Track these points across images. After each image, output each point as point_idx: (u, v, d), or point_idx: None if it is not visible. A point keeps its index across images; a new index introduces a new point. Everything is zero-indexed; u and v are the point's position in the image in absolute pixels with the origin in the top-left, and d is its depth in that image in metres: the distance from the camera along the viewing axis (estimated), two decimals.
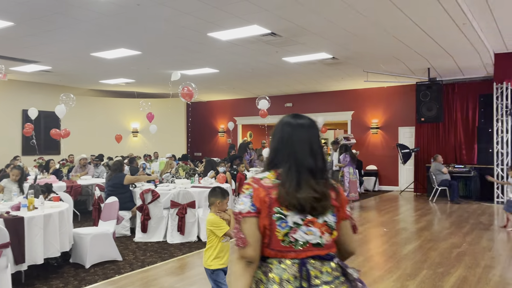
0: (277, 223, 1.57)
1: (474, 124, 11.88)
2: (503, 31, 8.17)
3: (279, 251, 1.58)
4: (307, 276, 1.57)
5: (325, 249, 1.63)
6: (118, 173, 7.01)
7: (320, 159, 1.66)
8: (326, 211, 1.61)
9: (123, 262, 5.25)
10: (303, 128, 1.70)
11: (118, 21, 7.16)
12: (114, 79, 13.07)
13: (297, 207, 1.56)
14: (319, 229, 1.60)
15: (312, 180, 1.60)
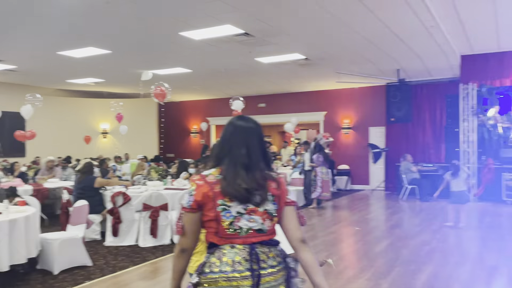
0: (222, 214, 1.77)
1: (441, 124, 12.22)
2: (469, 33, 8.43)
3: (226, 238, 1.77)
4: (256, 259, 1.76)
5: (268, 234, 1.83)
6: (88, 176, 6.81)
7: (257, 156, 1.84)
8: (264, 200, 1.80)
9: (93, 268, 5.09)
10: (243, 129, 1.89)
11: (86, 19, 6.96)
12: (82, 79, 12.72)
13: (238, 197, 1.76)
14: (260, 216, 1.80)
15: (245, 175, 1.78)
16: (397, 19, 7.07)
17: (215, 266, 1.76)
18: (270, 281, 1.76)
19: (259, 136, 1.91)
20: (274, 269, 1.79)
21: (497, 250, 5.98)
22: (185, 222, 1.82)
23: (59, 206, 8.89)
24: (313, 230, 7.45)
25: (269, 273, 1.77)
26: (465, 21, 7.59)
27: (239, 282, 1.72)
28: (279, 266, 1.82)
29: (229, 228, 1.78)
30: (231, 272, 1.74)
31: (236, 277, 1.73)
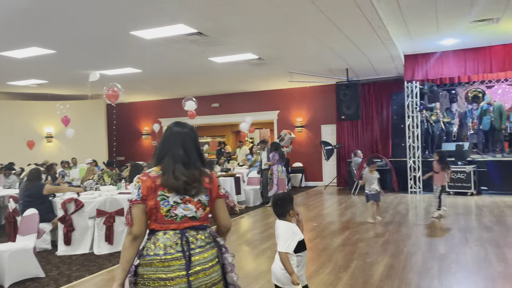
0: (161, 203, 2.10)
1: (388, 120, 12.77)
2: (412, 33, 8.87)
3: (164, 223, 2.10)
4: (186, 242, 2.08)
5: (200, 221, 2.17)
6: (36, 183, 6.43)
7: (193, 155, 2.21)
8: (199, 192, 2.15)
9: (47, 279, 4.84)
10: (179, 133, 2.25)
11: (29, 17, 6.58)
12: (24, 80, 12.02)
13: (175, 189, 2.10)
14: (195, 206, 2.14)
15: (184, 170, 2.13)
16: (347, 20, 7.29)
17: (150, 250, 2.08)
18: (200, 259, 2.09)
19: (194, 139, 2.28)
20: (203, 248, 2.11)
21: (444, 238, 6.35)
22: (135, 213, 2.11)
23: (3, 215, 8.38)
24: (272, 228, 7.52)
25: (198, 252, 2.09)
26: (408, 21, 7.98)
27: (170, 263, 2.03)
28: (208, 245, 2.15)
29: (166, 214, 2.10)
30: (164, 254, 2.05)
31: (168, 258, 2.04)
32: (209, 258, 2.12)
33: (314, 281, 4.57)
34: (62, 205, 5.97)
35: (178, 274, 2.03)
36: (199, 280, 2.06)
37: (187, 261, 2.05)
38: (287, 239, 2.94)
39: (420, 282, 4.46)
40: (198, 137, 2.34)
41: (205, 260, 2.10)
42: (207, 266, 2.10)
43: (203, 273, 2.08)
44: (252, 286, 4.49)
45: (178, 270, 2.03)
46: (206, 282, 2.08)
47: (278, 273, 3.01)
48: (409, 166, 11.20)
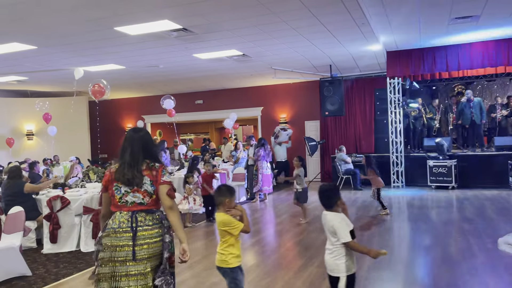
0: (115, 192, 2.78)
1: (371, 116, 12.95)
2: (395, 30, 9.01)
3: (118, 207, 2.77)
4: (135, 220, 2.72)
5: (148, 206, 2.79)
6: (17, 180, 6.31)
7: (137, 156, 2.80)
8: (140, 184, 2.75)
9: (34, 277, 4.78)
10: (130, 138, 2.87)
11: (8, 12, 6.44)
12: (3, 77, 11.74)
13: (123, 182, 2.76)
14: (141, 194, 2.77)
15: (127, 170, 2.75)
16: (331, 16, 7.37)
17: (109, 224, 2.75)
18: (145, 234, 2.72)
19: (143, 141, 2.86)
20: (149, 227, 2.74)
21: (428, 230, 6.51)
22: (102, 199, 2.94)
23: None
24: (258, 224, 7.58)
25: (144, 229, 2.72)
26: (391, 19, 8.11)
27: (121, 234, 2.68)
28: (155, 225, 2.77)
29: (119, 200, 2.77)
30: (117, 228, 2.70)
31: (119, 230, 2.70)
32: (154, 235, 2.75)
33: (303, 274, 4.63)
34: (48, 202, 5.89)
35: (126, 243, 2.69)
36: (142, 250, 2.70)
37: (134, 235, 2.69)
38: (346, 228, 3.02)
39: (407, 273, 4.57)
40: (150, 139, 2.96)
41: (151, 236, 2.74)
42: (152, 241, 2.74)
43: (147, 245, 2.71)
44: None
45: (126, 240, 2.68)
46: (149, 253, 2.72)
47: (328, 261, 3.09)
48: (392, 161, 11.39)
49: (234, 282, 3.23)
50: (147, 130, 3.15)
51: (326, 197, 3.15)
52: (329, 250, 3.08)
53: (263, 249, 5.78)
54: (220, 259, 3.25)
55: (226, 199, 3.24)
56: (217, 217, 3.26)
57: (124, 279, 2.66)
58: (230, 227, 3.19)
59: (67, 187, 6.73)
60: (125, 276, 2.66)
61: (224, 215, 3.22)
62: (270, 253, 5.59)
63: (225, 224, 3.19)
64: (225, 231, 3.21)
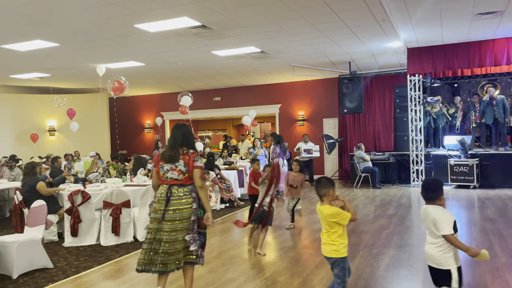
0: (160, 169, 3.69)
1: (391, 113, 12.78)
2: (416, 27, 8.86)
3: (162, 181, 3.69)
4: (170, 192, 3.62)
5: (181, 181, 3.65)
6: (30, 177, 6.39)
7: (177, 143, 3.67)
8: (178, 163, 3.62)
9: (55, 270, 4.88)
10: (174, 131, 3.78)
11: (33, 10, 6.58)
12: (27, 74, 12.02)
13: (166, 160, 3.64)
14: (177, 172, 3.63)
15: (170, 151, 3.64)
16: (351, 12, 7.29)
17: (157, 194, 3.71)
18: (175, 202, 3.59)
19: (182, 133, 3.73)
20: (180, 197, 3.60)
21: None
22: (153, 173, 3.82)
23: (7, 208, 8.42)
24: (276, 220, 7.56)
25: (175, 199, 3.60)
26: (412, 15, 7.97)
27: (160, 201, 3.63)
28: (185, 196, 3.61)
29: (163, 176, 3.68)
30: (159, 196, 3.66)
31: (160, 198, 3.65)
32: (184, 203, 3.60)
33: (320, 271, 4.61)
34: (69, 197, 6.00)
35: (160, 208, 3.61)
36: (174, 214, 3.57)
37: (166, 202, 3.60)
38: (450, 221, 3.03)
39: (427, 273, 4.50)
40: (188, 132, 3.78)
41: (181, 203, 3.59)
42: (182, 207, 3.59)
43: (178, 210, 3.58)
44: (257, 277, 4.54)
45: (162, 204, 3.61)
46: (179, 215, 3.58)
47: (435, 255, 3.08)
48: (411, 159, 11.22)
49: (342, 271, 3.29)
50: (188, 126, 3.87)
51: (431, 190, 3.17)
52: (435, 244, 3.07)
53: (280, 246, 5.77)
54: (331, 250, 3.29)
55: (330, 190, 3.31)
56: (324, 210, 3.29)
57: (162, 233, 3.57)
58: (340, 218, 3.24)
59: (87, 182, 6.85)
60: (164, 230, 3.57)
61: (331, 207, 3.27)
62: (287, 250, 5.58)
63: (335, 215, 3.23)
64: (335, 222, 3.25)
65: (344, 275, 3.30)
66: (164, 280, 3.68)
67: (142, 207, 6.23)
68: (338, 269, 3.31)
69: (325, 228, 3.35)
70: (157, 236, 3.57)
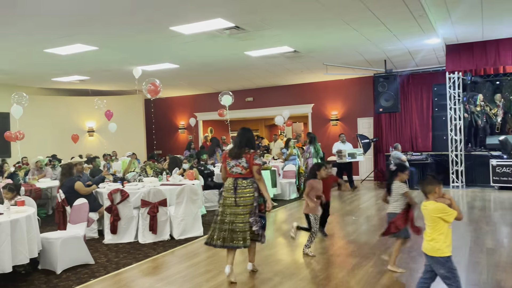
0: (227, 165, 4.44)
1: (428, 113, 12.42)
2: (455, 22, 8.57)
3: (229, 174, 4.44)
4: (236, 183, 4.37)
5: (244, 175, 4.37)
6: (68, 178, 6.60)
7: (242, 143, 4.43)
8: (241, 160, 4.35)
9: (96, 266, 5.04)
10: (240, 132, 4.54)
11: (74, 14, 6.82)
12: (68, 77, 12.48)
13: (232, 156, 4.41)
14: (240, 167, 4.36)
15: (236, 150, 4.40)
16: (387, 8, 7.13)
17: (225, 185, 4.47)
18: (240, 191, 4.35)
19: (246, 136, 4.50)
20: (244, 187, 4.35)
21: (490, 233, 6.15)
22: (222, 169, 4.59)
23: (50, 205, 8.77)
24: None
25: (240, 189, 4.36)
26: (452, 10, 7.72)
27: (229, 191, 4.40)
28: (247, 186, 4.36)
29: (229, 170, 4.44)
30: (227, 187, 4.42)
31: (228, 188, 4.41)
32: (246, 192, 4.36)
33: (358, 272, 4.54)
34: (109, 195, 6.18)
35: (231, 196, 4.39)
36: (240, 200, 4.35)
37: (234, 191, 4.37)
38: None
39: (469, 276, 4.35)
40: (251, 135, 4.56)
41: (244, 192, 4.36)
42: (245, 195, 4.36)
43: (243, 198, 4.36)
44: (293, 277, 4.52)
45: (231, 194, 4.38)
46: (244, 202, 4.35)
47: None
48: (451, 159, 10.86)
49: (451, 272, 3.22)
50: (251, 129, 4.69)
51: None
52: None
53: (315, 247, 5.71)
54: (433, 248, 3.26)
55: (436, 187, 3.30)
56: (429, 205, 3.29)
57: (231, 216, 4.36)
58: (445, 214, 3.20)
59: (125, 181, 7.03)
60: (231, 214, 4.37)
61: (436, 202, 3.26)
62: (322, 250, 5.52)
63: (440, 211, 3.21)
64: (440, 218, 3.22)
65: (454, 276, 3.19)
66: (232, 257, 4.37)
67: (178, 206, 6.33)
68: (444, 270, 3.21)
69: (428, 225, 3.31)
70: (226, 218, 4.36)
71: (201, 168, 8.66)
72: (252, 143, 4.47)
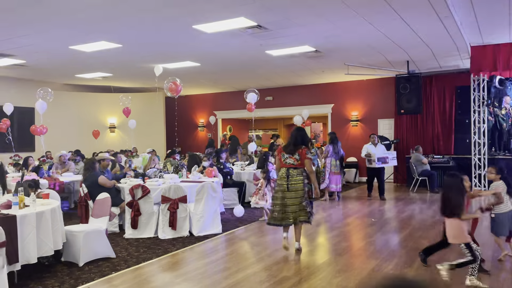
0: (282, 157, 5.36)
1: (451, 115, 12.20)
2: (481, 23, 8.39)
3: (283, 165, 5.33)
4: (288, 172, 5.27)
5: (296, 165, 5.26)
6: (90, 173, 6.72)
7: (296, 140, 5.34)
8: (295, 154, 5.25)
9: (117, 259, 5.13)
10: (293, 132, 5.49)
11: (99, 12, 6.93)
12: (91, 73, 12.71)
13: (287, 151, 5.32)
14: (293, 159, 5.27)
15: (291, 146, 5.33)
16: (411, 9, 7.04)
17: (279, 173, 5.36)
18: (293, 180, 5.20)
19: (300, 134, 5.37)
20: (295, 175, 5.21)
21: None
22: (276, 160, 5.56)
23: (72, 199, 8.95)
24: (329, 222, 7.48)
25: (292, 177, 5.22)
26: (478, 11, 7.56)
27: (282, 178, 5.27)
28: (299, 175, 5.22)
29: (283, 161, 5.30)
30: (281, 175, 5.30)
31: (281, 176, 5.29)
32: (298, 180, 5.21)
33: (377, 274, 4.50)
34: (130, 190, 6.28)
35: (284, 182, 5.23)
36: (292, 186, 5.19)
37: (287, 179, 5.21)
38: None
39: (492, 283, 4.26)
40: (304, 134, 5.44)
41: (296, 180, 5.20)
42: (296, 183, 5.20)
43: (295, 184, 5.20)
44: (312, 277, 4.50)
45: (284, 181, 5.23)
46: (295, 188, 5.19)
47: None
48: (473, 163, 10.66)
49: None
50: (304, 129, 5.67)
51: None
52: None
53: (334, 248, 5.69)
54: None
55: None
56: None
57: (286, 200, 5.22)
58: None
59: (146, 177, 7.12)
60: (286, 198, 5.22)
61: None
62: (341, 251, 5.49)
63: None
64: None
65: None
66: (287, 229, 5.32)
67: (198, 203, 6.39)
68: None
69: None
70: (282, 202, 5.23)
71: (220, 167, 8.71)
72: (305, 141, 5.35)
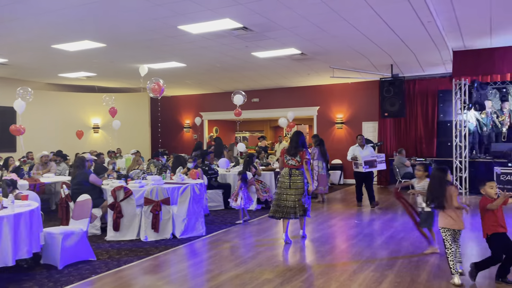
0: (285, 158, 6.08)
1: (433, 118, 12.38)
2: (463, 29, 8.54)
3: (286, 165, 6.06)
4: (290, 172, 5.99)
5: (297, 166, 5.98)
6: (81, 170, 6.66)
7: (296, 143, 6.02)
8: (296, 156, 5.97)
9: (98, 262, 5.06)
10: (294, 135, 6.17)
11: (83, 11, 6.85)
12: (74, 73, 12.53)
13: (289, 153, 6.02)
14: (294, 161, 5.98)
15: (292, 149, 6.02)
16: (395, 14, 7.12)
17: (281, 173, 6.11)
18: (294, 178, 5.93)
19: (300, 139, 6.05)
20: (297, 175, 5.93)
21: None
22: (280, 161, 6.73)
23: (54, 201, 8.81)
24: (313, 223, 7.51)
25: (293, 176, 5.94)
26: (460, 16, 7.70)
27: (285, 177, 6.00)
28: (299, 175, 5.94)
29: (286, 162, 6.03)
30: (284, 174, 6.04)
31: (284, 175, 6.03)
32: (298, 179, 5.90)
33: (358, 276, 4.53)
34: (112, 192, 6.20)
35: (286, 180, 5.95)
36: (293, 184, 5.89)
37: (289, 177, 5.93)
38: None
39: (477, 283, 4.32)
40: (303, 138, 6.08)
41: (296, 179, 5.90)
42: (297, 181, 5.90)
43: (295, 182, 5.90)
44: (294, 279, 4.51)
45: (286, 179, 5.95)
46: (296, 186, 5.89)
47: None
48: (455, 166, 10.83)
49: None
50: (302, 132, 6.17)
51: None
52: None
53: (317, 249, 5.71)
54: None
55: None
56: None
57: (286, 196, 5.91)
58: None
59: (129, 178, 7.05)
60: (287, 194, 5.91)
61: None
62: (324, 253, 5.52)
63: None
64: None
65: None
66: (286, 222, 6.00)
67: (181, 205, 6.35)
68: None
69: None
70: (283, 197, 5.92)
71: (205, 168, 8.67)
72: (304, 143, 6.03)
